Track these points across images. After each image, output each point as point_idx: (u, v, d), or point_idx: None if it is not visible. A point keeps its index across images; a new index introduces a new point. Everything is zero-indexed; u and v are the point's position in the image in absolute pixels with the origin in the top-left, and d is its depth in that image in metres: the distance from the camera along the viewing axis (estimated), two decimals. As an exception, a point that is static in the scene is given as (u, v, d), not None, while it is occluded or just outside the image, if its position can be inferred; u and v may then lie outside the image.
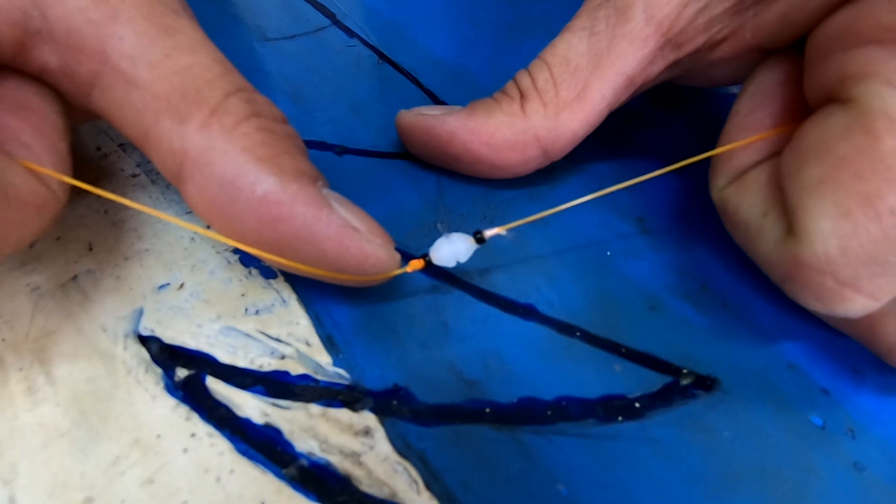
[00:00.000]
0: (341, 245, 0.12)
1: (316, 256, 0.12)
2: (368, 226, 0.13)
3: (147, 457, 0.12)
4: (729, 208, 0.14)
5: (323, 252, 0.12)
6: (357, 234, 0.13)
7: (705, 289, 0.16)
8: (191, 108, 0.12)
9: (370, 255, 0.13)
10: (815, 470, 0.13)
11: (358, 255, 0.13)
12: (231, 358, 0.14)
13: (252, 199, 0.12)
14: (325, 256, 0.12)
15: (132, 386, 0.13)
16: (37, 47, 0.12)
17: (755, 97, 0.15)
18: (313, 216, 0.12)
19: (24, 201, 0.11)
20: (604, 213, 0.18)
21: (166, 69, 0.12)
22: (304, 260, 0.13)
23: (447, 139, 0.16)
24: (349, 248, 0.13)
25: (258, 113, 0.13)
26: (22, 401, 0.13)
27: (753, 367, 0.15)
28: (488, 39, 0.23)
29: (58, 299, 0.14)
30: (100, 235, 0.16)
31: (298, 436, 0.13)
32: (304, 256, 0.12)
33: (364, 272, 0.13)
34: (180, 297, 0.15)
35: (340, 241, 0.12)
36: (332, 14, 0.24)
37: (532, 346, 0.15)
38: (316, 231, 0.12)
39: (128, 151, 0.18)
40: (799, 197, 0.12)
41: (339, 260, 0.13)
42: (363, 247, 0.13)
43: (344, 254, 0.13)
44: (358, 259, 0.13)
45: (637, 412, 0.14)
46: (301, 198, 0.12)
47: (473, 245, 0.14)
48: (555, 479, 0.13)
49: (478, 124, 0.16)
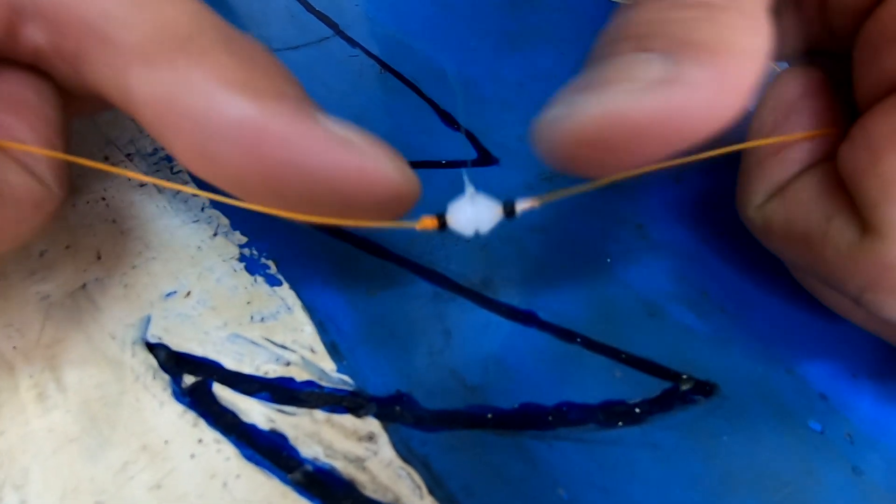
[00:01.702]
0: (333, 160, 0.11)
1: (311, 184, 0.11)
2: (366, 139, 0.11)
3: (155, 462, 0.12)
4: (776, 224, 0.13)
5: (315, 175, 0.11)
6: (350, 145, 0.11)
7: (705, 295, 0.16)
8: (159, 49, 0.11)
9: (370, 169, 0.11)
10: (814, 475, 0.13)
11: (356, 170, 0.11)
12: (237, 365, 0.14)
13: (227, 126, 0.11)
14: (320, 181, 0.11)
15: (140, 392, 0.13)
16: (25, 26, 0.12)
17: (777, 111, 0.14)
18: (295, 132, 0.11)
19: (20, 199, 0.11)
20: (603, 220, 0.18)
21: (137, 20, 0.11)
22: (302, 194, 0.11)
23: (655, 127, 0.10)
24: (343, 163, 0.11)
25: (229, 39, 0.12)
26: (33, 407, 0.13)
27: (752, 372, 0.15)
28: (490, 49, 0.23)
29: (67, 307, 0.15)
30: (108, 244, 0.16)
31: (303, 441, 0.13)
32: (299, 188, 0.11)
33: (373, 196, 0.11)
34: (187, 305, 0.15)
35: (331, 156, 0.11)
36: (335, 24, 0.24)
37: (533, 352, 0.15)
38: (300, 148, 0.11)
39: (135, 161, 0.18)
40: (879, 192, 0.11)
41: (336, 182, 0.11)
42: (359, 160, 0.11)
43: (339, 171, 0.11)
44: (356, 175, 0.11)
45: (637, 417, 0.14)
46: (280, 115, 0.11)
47: (499, 216, 0.12)
48: (556, 483, 0.13)
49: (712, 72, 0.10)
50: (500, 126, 0.20)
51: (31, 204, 0.12)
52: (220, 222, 0.17)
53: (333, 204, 0.11)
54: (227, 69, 0.11)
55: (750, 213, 0.14)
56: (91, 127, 0.19)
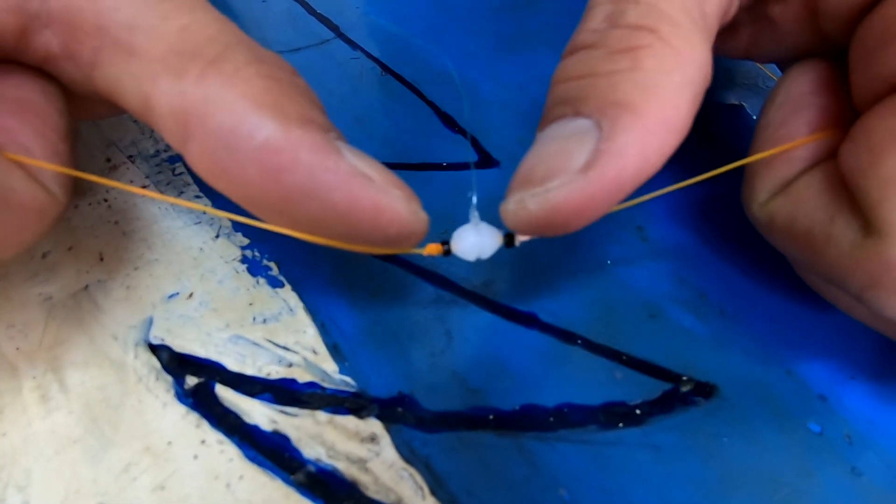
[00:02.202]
0: (351, 196, 0.11)
1: (325, 213, 0.11)
2: (385, 177, 0.12)
3: (158, 463, 0.13)
4: (779, 221, 0.13)
5: (332, 206, 0.11)
6: (370, 182, 0.11)
7: (704, 297, 0.16)
8: (187, 63, 0.11)
9: (385, 209, 0.11)
10: (814, 475, 0.13)
11: (371, 208, 0.11)
12: (240, 366, 0.14)
13: (252, 147, 0.11)
14: (335, 212, 0.11)
15: (143, 394, 0.13)
16: (38, 32, 0.12)
17: (784, 107, 0.14)
18: (319, 163, 0.11)
19: (25, 206, 0.11)
20: (604, 222, 0.18)
21: (163, 32, 0.11)
22: (314, 220, 0.11)
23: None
24: (360, 200, 0.11)
25: (260, 60, 0.12)
26: (36, 409, 0.13)
27: (752, 374, 0.15)
28: (489, 51, 0.23)
29: (70, 309, 0.15)
30: (110, 246, 0.16)
31: (306, 442, 0.13)
32: (313, 214, 0.11)
33: (383, 232, 0.12)
34: (189, 307, 0.15)
35: (350, 192, 0.11)
36: (335, 27, 0.24)
37: (534, 353, 0.15)
38: (322, 180, 0.11)
39: (137, 163, 0.18)
40: (880, 192, 0.11)
41: (351, 215, 0.11)
42: (377, 198, 0.11)
43: (355, 206, 0.11)
44: (371, 213, 0.11)
45: (638, 419, 0.14)
46: (305, 144, 0.11)
47: (499, 244, 0.13)
48: (557, 484, 0.13)
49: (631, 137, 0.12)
50: (500, 128, 0.20)
51: (36, 212, 0.12)
52: (221, 224, 0.17)
53: (342, 232, 0.12)
54: (257, 89, 0.11)
55: (754, 210, 0.14)
56: (93, 128, 0.19)
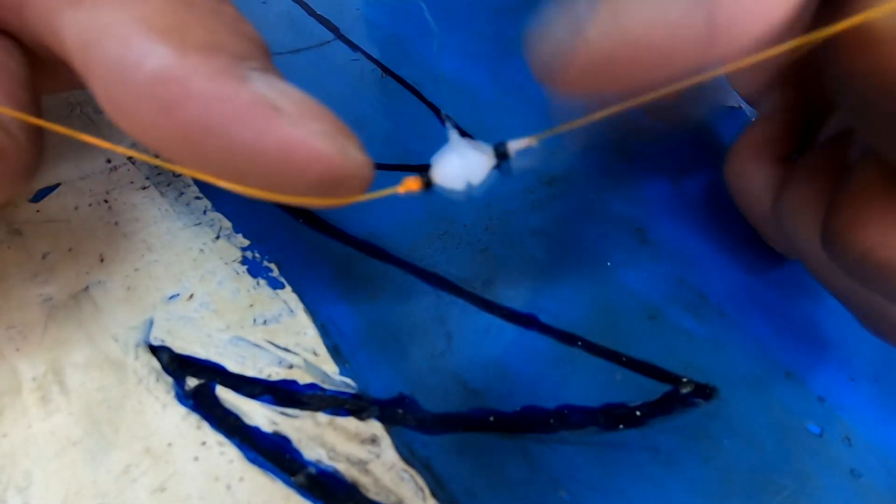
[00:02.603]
0: (251, 130, 0.09)
1: (231, 154, 0.10)
2: (301, 108, 0.10)
3: (158, 465, 0.13)
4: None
5: (234, 144, 0.10)
6: (276, 113, 0.10)
7: (703, 299, 0.16)
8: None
9: (298, 145, 0.10)
10: (813, 477, 0.13)
11: (278, 144, 0.10)
12: (240, 367, 0.14)
13: (141, 77, 0.09)
14: (240, 151, 0.10)
15: (143, 395, 0.13)
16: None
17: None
18: (214, 93, 0.09)
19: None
20: (604, 224, 0.18)
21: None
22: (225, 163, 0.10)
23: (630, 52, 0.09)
24: (263, 134, 0.09)
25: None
26: (35, 410, 0.13)
27: (751, 375, 0.15)
28: (489, 53, 0.23)
29: (70, 310, 0.15)
30: (110, 247, 0.16)
31: (306, 444, 0.13)
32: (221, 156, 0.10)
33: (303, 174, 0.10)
34: (190, 308, 0.15)
35: (250, 125, 0.09)
36: (335, 28, 0.24)
37: (534, 355, 0.15)
38: (217, 113, 0.09)
39: (137, 164, 0.18)
40: None
41: (257, 154, 0.10)
42: (285, 131, 0.10)
43: (258, 143, 0.09)
44: (280, 150, 0.10)
45: (638, 420, 0.14)
46: (201, 72, 0.09)
47: (491, 161, 0.11)
48: (557, 485, 0.13)
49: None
50: (500, 131, 0.20)
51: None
52: (222, 225, 0.17)
53: (263, 177, 0.10)
54: (152, 11, 0.10)
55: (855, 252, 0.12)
56: (92, 129, 0.19)
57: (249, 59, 0.10)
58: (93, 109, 0.19)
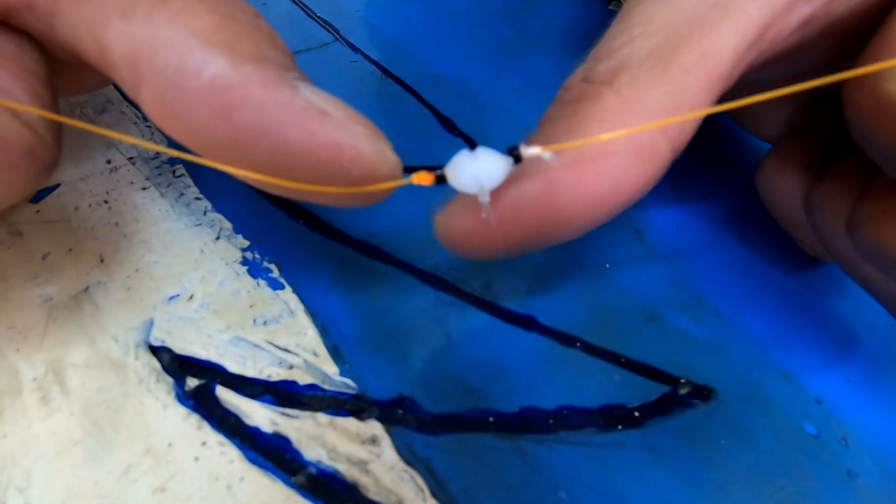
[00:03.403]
0: (306, 132, 0.10)
1: (282, 153, 0.11)
2: (347, 114, 0.11)
3: (159, 465, 0.13)
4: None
5: (287, 144, 0.10)
6: (327, 118, 0.11)
7: (701, 301, 0.16)
8: (136, 2, 0.11)
9: (345, 145, 0.11)
10: (810, 478, 0.13)
11: (329, 144, 0.11)
12: (240, 368, 0.14)
13: (200, 85, 0.10)
14: (292, 151, 0.11)
15: (144, 395, 0.13)
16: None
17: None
18: (271, 99, 0.10)
19: (10, 142, 0.11)
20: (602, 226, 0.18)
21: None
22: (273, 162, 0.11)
23: (548, 210, 0.12)
24: (316, 135, 0.10)
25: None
26: (36, 411, 0.13)
27: (749, 377, 0.15)
28: (488, 55, 0.24)
29: (70, 310, 0.15)
30: (111, 247, 0.16)
31: (307, 444, 0.13)
32: (270, 156, 0.11)
33: (346, 171, 0.11)
34: (190, 308, 0.15)
35: (305, 128, 0.10)
36: (336, 30, 0.24)
37: (533, 356, 0.15)
38: (274, 116, 0.10)
39: (137, 165, 0.18)
40: None
41: (308, 153, 0.11)
42: (335, 134, 0.11)
43: (311, 143, 0.10)
44: (330, 150, 0.11)
45: (636, 421, 0.14)
46: (256, 80, 0.10)
47: (506, 166, 0.11)
48: (556, 486, 0.13)
49: (578, 160, 0.11)
50: (499, 132, 0.20)
51: (22, 149, 0.11)
52: (222, 226, 0.17)
53: (305, 177, 0.11)
54: (206, 26, 0.11)
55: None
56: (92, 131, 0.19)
57: (291, 70, 0.11)
58: (93, 111, 0.19)
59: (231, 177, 0.11)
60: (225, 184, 0.18)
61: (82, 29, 0.11)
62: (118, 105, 0.20)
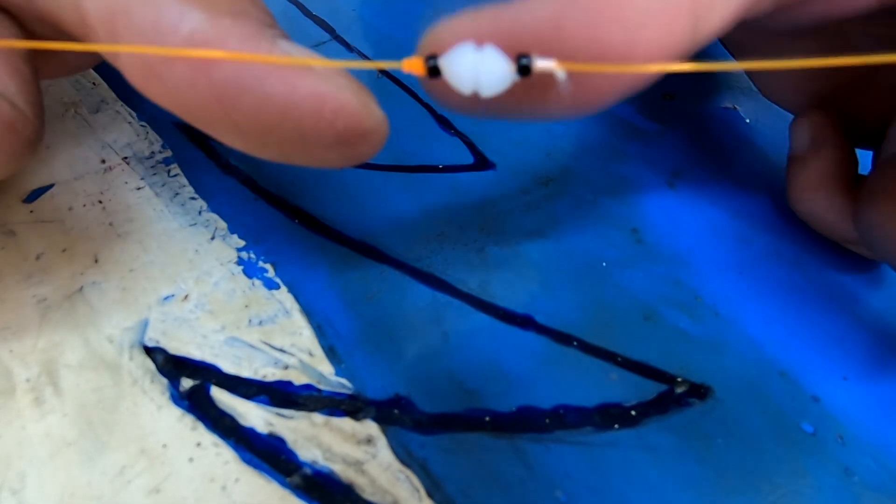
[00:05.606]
0: (287, 85, 0.10)
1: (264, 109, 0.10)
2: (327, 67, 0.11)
3: (153, 466, 0.12)
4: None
5: (269, 99, 0.10)
6: (308, 71, 0.10)
7: (698, 299, 0.16)
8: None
9: (328, 98, 0.10)
10: (807, 476, 0.13)
11: (311, 98, 0.10)
12: (235, 368, 0.14)
13: (177, 41, 0.10)
14: (274, 106, 0.10)
15: (138, 396, 0.13)
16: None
17: None
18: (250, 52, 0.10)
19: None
20: (599, 224, 0.18)
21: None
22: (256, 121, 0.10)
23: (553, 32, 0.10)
24: (298, 87, 0.10)
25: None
26: (30, 412, 0.13)
27: (746, 375, 0.15)
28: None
29: (64, 311, 0.15)
30: (105, 248, 0.16)
31: (302, 445, 0.13)
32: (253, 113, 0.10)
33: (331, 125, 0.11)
34: (185, 309, 0.15)
35: (285, 81, 0.10)
36: (331, 29, 0.24)
37: (530, 355, 0.15)
38: (253, 70, 0.10)
39: (132, 165, 0.18)
40: None
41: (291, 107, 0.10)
42: (316, 85, 0.10)
43: (293, 97, 0.10)
44: (312, 103, 0.10)
45: (633, 420, 0.14)
46: (234, 34, 0.10)
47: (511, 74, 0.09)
48: (553, 485, 0.13)
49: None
50: (496, 131, 0.20)
51: (4, 125, 0.11)
52: (217, 226, 0.17)
53: (289, 134, 0.11)
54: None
55: None
56: (87, 130, 0.19)
57: (272, 26, 0.11)
58: (87, 110, 0.19)
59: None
60: (220, 184, 0.18)
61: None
62: (112, 104, 0.19)
